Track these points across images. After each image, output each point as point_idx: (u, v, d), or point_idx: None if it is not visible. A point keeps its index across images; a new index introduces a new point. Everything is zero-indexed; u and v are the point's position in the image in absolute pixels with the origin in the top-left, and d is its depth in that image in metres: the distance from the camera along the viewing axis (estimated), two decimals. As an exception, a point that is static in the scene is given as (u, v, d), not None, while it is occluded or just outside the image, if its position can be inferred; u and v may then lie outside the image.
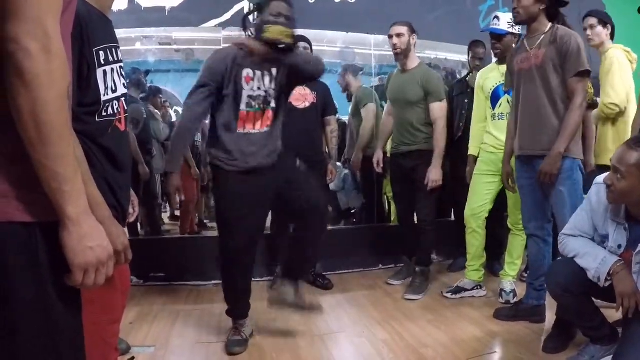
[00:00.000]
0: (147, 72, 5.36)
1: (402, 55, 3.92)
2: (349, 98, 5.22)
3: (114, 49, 1.76)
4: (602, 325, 2.58)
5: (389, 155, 4.30)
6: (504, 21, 3.74)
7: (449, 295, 3.90)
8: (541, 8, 3.04)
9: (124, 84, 1.83)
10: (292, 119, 3.83)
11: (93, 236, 1.06)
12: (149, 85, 5.40)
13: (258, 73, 2.87)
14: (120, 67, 1.81)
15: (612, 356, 2.45)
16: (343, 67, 5.24)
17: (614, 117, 3.54)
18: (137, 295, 3.94)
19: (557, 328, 2.92)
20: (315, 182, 3.21)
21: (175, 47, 5.67)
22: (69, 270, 1.04)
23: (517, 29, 3.78)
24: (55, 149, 0.97)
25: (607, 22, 3.70)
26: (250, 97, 2.86)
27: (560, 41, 2.96)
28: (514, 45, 3.70)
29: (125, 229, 1.80)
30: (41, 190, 1.00)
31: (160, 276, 4.28)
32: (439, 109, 3.90)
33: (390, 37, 3.91)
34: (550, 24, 3.07)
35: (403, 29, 3.86)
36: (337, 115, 4.49)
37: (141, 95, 5.19)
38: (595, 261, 2.32)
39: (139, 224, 5.16)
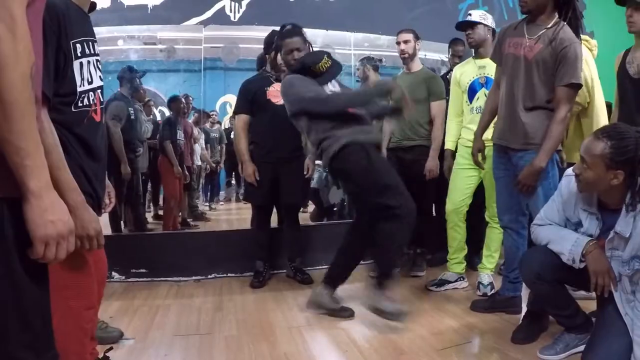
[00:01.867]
0: (143, 73, 5.36)
1: (409, 59, 4.31)
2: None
3: (90, 42, 1.80)
4: (576, 314, 2.61)
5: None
6: (476, 15, 3.84)
7: (433, 288, 3.97)
8: None
9: (100, 77, 1.87)
10: (271, 115, 3.90)
11: (54, 210, 1.08)
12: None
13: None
14: (97, 60, 1.85)
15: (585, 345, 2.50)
16: (361, 60, 5.21)
17: (577, 113, 3.51)
18: (118, 290, 3.97)
19: (527, 319, 2.96)
20: None
21: (160, 46, 5.68)
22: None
23: (490, 22, 3.84)
24: (18, 125, 1.00)
25: None
26: None
27: (559, 43, 2.81)
28: (488, 36, 3.79)
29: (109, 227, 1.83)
30: (7, 166, 1.03)
31: (142, 272, 4.29)
32: (438, 107, 4.26)
33: (398, 43, 4.27)
34: (556, 19, 2.91)
35: (409, 36, 4.26)
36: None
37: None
38: (569, 243, 2.35)
39: (122, 222, 5.18)
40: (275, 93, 4.01)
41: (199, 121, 6.65)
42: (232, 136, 5.87)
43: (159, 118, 6.16)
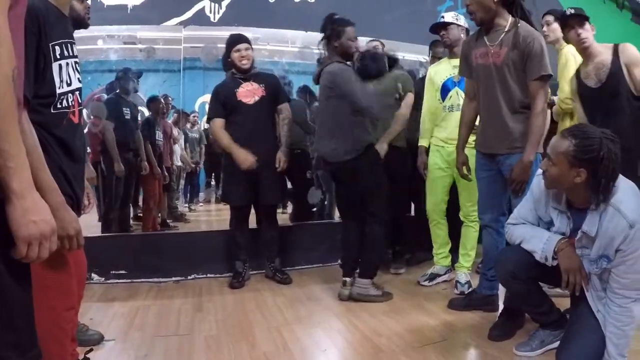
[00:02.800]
0: (139, 75, 5.35)
1: None
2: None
3: (69, 44, 1.81)
4: (550, 311, 2.66)
5: None
6: (449, 16, 3.92)
7: (426, 283, 4.07)
8: (495, 0, 2.94)
9: (78, 79, 1.88)
10: (244, 116, 3.91)
11: (36, 210, 1.10)
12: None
13: None
14: (76, 62, 1.86)
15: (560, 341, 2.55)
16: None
17: (571, 111, 3.62)
18: (98, 292, 3.94)
19: (503, 316, 3.01)
20: None
21: (140, 46, 5.66)
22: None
23: (462, 22, 3.91)
24: (0, 127, 1.02)
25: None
26: None
27: (522, 42, 2.89)
28: (462, 35, 3.86)
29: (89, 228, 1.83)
30: None
31: (121, 273, 4.26)
32: (407, 98, 4.20)
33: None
34: (511, 19, 2.98)
35: (376, 44, 4.38)
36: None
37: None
38: (541, 242, 2.40)
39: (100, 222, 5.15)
40: (245, 93, 4.03)
41: (178, 121, 6.63)
42: (210, 138, 5.85)
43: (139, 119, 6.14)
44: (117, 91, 5.12)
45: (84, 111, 4.99)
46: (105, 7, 4.79)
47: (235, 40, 4.08)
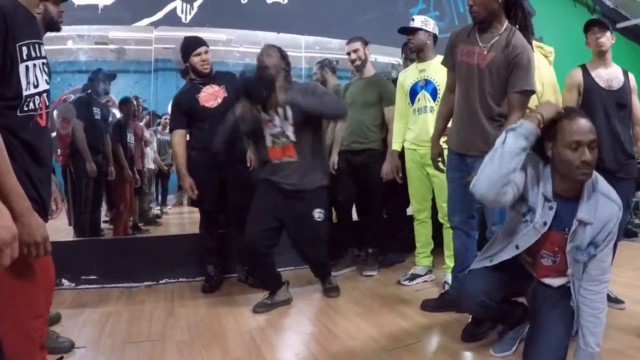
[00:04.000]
0: (113, 76, 5.27)
1: (361, 65, 4.39)
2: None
3: (37, 45, 1.77)
4: (521, 313, 2.70)
5: None
6: (418, 20, 3.95)
7: (406, 282, 4.12)
8: (499, 1, 2.86)
9: (46, 80, 1.84)
10: (208, 120, 3.87)
11: None
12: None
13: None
14: (44, 63, 1.82)
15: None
16: (319, 62, 5.21)
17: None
18: (68, 298, 3.88)
19: (475, 318, 3.00)
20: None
21: (112, 46, 5.59)
22: None
23: (431, 28, 3.94)
24: None
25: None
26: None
27: (512, 50, 2.81)
28: (429, 41, 3.92)
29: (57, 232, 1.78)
30: None
31: (92, 279, 4.20)
32: (391, 112, 4.28)
33: (348, 53, 4.37)
34: (507, 24, 2.92)
35: (357, 45, 4.36)
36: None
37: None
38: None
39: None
40: (207, 97, 3.97)
41: (150, 123, 6.54)
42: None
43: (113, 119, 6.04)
44: (89, 91, 5.04)
45: (55, 112, 4.92)
46: (76, 6, 4.71)
47: (193, 44, 3.98)
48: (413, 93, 4.01)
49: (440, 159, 3.39)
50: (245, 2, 5.05)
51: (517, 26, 2.90)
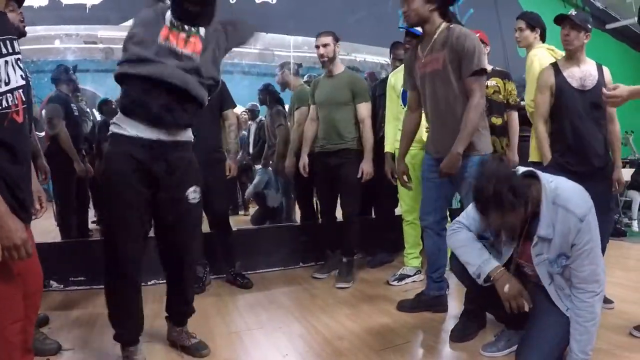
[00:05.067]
0: (74, 68, 5.20)
1: (328, 62, 4.20)
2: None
3: (8, 41, 1.74)
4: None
5: None
6: None
7: (395, 283, 4.13)
8: (431, 9, 3.01)
9: (21, 76, 1.80)
10: None
11: None
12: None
13: None
14: (18, 58, 1.79)
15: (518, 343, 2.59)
16: (280, 65, 5.17)
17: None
18: (57, 299, 3.87)
19: (464, 317, 3.03)
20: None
21: (101, 45, 5.56)
22: None
23: None
24: None
25: (535, 25, 3.86)
26: None
27: (456, 42, 2.94)
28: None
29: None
30: None
31: (81, 280, 4.19)
32: (365, 109, 4.22)
33: (317, 47, 4.18)
34: (443, 24, 3.05)
35: (328, 39, 4.17)
36: (259, 117, 4.48)
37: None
38: (479, 259, 2.44)
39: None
40: None
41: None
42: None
43: (98, 118, 6.00)
44: (60, 89, 4.92)
45: (43, 112, 4.88)
46: (64, 5, 4.70)
47: None
48: (405, 95, 3.94)
49: (405, 175, 3.48)
50: (234, 1, 5.04)
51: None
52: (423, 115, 3.63)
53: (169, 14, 2.51)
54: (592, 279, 2.27)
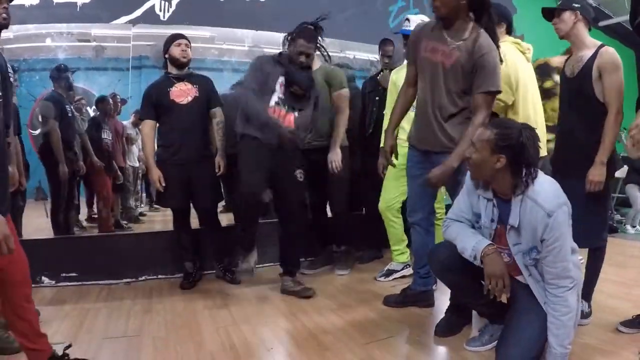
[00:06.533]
0: (73, 71, 5.24)
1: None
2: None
3: None
4: (492, 303, 2.64)
5: None
6: (414, 23, 3.81)
7: (382, 279, 4.18)
8: (462, 2, 2.83)
9: None
10: (176, 116, 3.88)
11: None
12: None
13: None
14: None
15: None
16: None
17: (504, 111, 3.48)
18: (48, 295, 3.91)
19: (449, 312, 3.06)
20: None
21: (93, 43, 5.57)
22: None
23: None
24: None
25: (501, 20, 3.77)
26: None
27: (477, 50, 2.81)
28: None
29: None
30: None
31: (72, 276, 4.22)
32: (339, 96, 4.23)
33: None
34: (472, 24, 2.90)
35: None
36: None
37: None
38: (472, 241, 2.44)
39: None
40: (178, 93, 3.99)
41: (137, 122, 6.50)
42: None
43: (92, 114, 6.01)
44: (54, 89, 4.97)
45: (36, 111, 4.90)
46: (55, 4, 4.72)
47: (176, 36, 4.07)
48: None
49: (392, 151, 3.31)
50: (224, -1, 5.07)
51: (483, 28, 2.89)
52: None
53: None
54: (564, 275, 2.29)
